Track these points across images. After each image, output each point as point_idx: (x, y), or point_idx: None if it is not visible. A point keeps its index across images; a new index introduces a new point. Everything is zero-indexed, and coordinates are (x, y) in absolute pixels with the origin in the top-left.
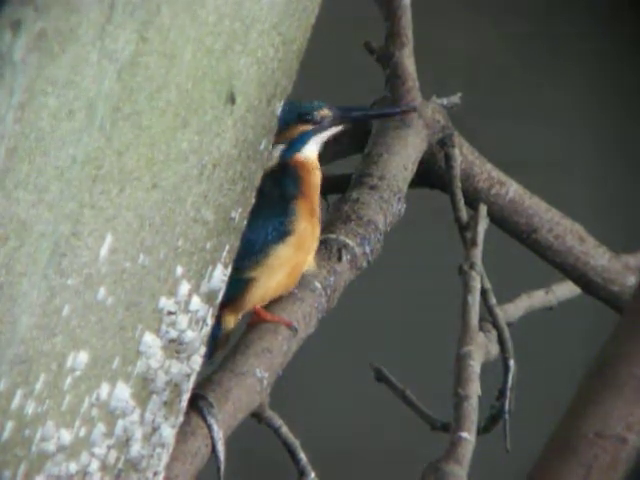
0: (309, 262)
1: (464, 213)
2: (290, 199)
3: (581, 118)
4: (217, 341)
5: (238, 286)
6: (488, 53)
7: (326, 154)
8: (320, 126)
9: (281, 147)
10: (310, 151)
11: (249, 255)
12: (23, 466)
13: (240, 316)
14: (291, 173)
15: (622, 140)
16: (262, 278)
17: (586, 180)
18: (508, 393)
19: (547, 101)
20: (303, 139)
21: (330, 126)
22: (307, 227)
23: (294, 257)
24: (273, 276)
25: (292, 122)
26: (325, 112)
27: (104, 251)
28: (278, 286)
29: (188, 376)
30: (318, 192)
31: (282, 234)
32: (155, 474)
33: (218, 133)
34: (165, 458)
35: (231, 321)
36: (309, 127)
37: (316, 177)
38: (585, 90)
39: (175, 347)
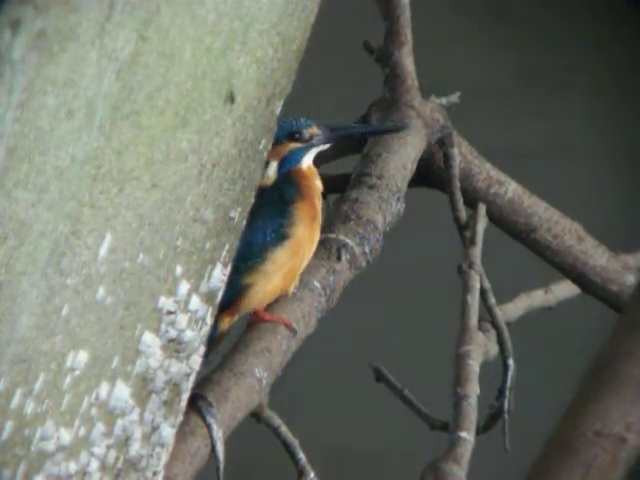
0: (304, 266)
1: (463, 212)
2: (290, 202)
3: (582, 118)
4: (212, 342)
5: (236, 291)
6: (488, 53)
7: (326, 154)
8: (309, 144)
9: (274, 164)
10: (306, 163)
11: (247, 257)
12: (23, 466)
13: (236, 318)
14: (291, 179)
15: (624, 139)
16: (259, 283)
17: (587, 179)
18: (507, 393)
19: (548, 99)
20: (295, 157)
21: (319, 144)
22: (305, 232)
23: (290, 261)
24: (270, 281)
25: (282, 140)
26: (314, 130)
27: (103, 250)
28: (275, 290)
29: (187, 376)
30: (319, 198)
31: (280, 237)
32: (154, 474)
33: (217, 132)
34: (164, 458)
35: (226, 323)
36: (298, 145)
37: (316, 183)
38: (587, 89)
39: (174, 346)
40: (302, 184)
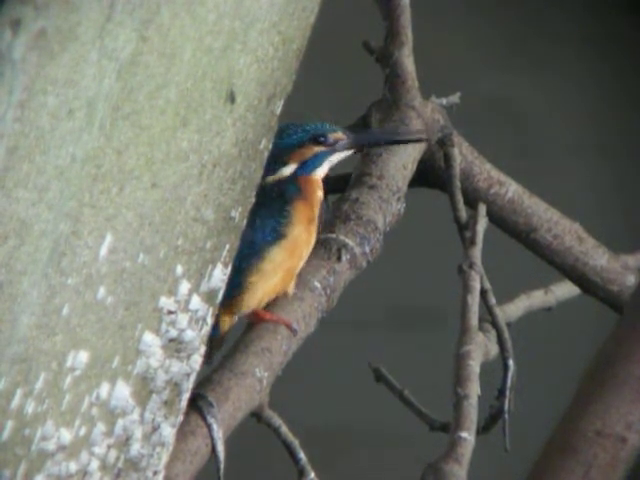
0: (301, 267)
1: (463, 213)
2: (289, 201)
3: (583, 117)
4: (214, 342)
5: (235, 290)
6: (487, 52)
7: None
8: (333, 148)
9: (293, 166)
10: (320, 171)
11: (246, 256)
12: (23, 465)
13: (236, 318)
14: (294, 181)
15: (624, 140)
16: (259, 282)
17: (587, 179)
18: (507, 393)
19: (549, 98)
20: (316, 160)
21: (342, 149)
22: (302, 234)
23: (288, 261)
24: (269, 280)
25: (306, 143)
26: (339, 135)
27: (104, 250)
28: (273, 289)
29: (188, 375)
30: (319, 204)
31: (279, 236)
32: (155, 473)
33: (218, 132)
34: (165, 457)
35: (227, 323)
36: (322, 149)
37: (318, 193)
38: (588, 88)
39: (175, 346)
40: (304, 187)
